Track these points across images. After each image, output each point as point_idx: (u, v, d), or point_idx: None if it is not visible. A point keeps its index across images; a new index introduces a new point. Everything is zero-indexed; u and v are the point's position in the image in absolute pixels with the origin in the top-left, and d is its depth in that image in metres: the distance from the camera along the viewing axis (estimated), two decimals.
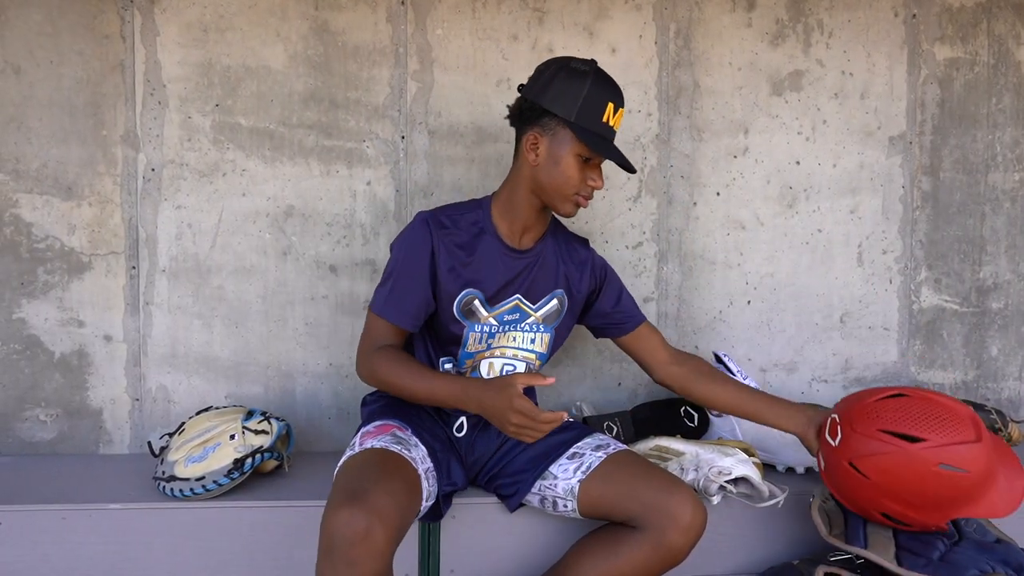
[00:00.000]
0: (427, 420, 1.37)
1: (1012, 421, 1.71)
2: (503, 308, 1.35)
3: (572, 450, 1.32)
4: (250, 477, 1.44)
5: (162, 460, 1.44)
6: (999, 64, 1.83)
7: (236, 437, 1.42)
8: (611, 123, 1.29)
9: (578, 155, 1.28)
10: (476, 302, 1.33)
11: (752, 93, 1.77)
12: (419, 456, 1.24)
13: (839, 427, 1.27)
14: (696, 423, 1.61)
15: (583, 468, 1.28)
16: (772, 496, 1.33)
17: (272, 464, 1.48)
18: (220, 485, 1.38)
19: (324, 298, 1.70)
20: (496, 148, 1.71)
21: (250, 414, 1.49)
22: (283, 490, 1.43)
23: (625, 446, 1.35)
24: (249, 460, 1.40)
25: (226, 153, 1.66)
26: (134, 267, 1.66)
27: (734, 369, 1.59)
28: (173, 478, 1.39)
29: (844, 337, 1.82)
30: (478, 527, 1.36)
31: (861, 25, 1.79)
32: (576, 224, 1.73)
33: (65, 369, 1.65)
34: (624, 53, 1.74)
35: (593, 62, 1.30)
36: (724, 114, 1.77)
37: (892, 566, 1.19)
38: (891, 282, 1.83)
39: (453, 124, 1.70)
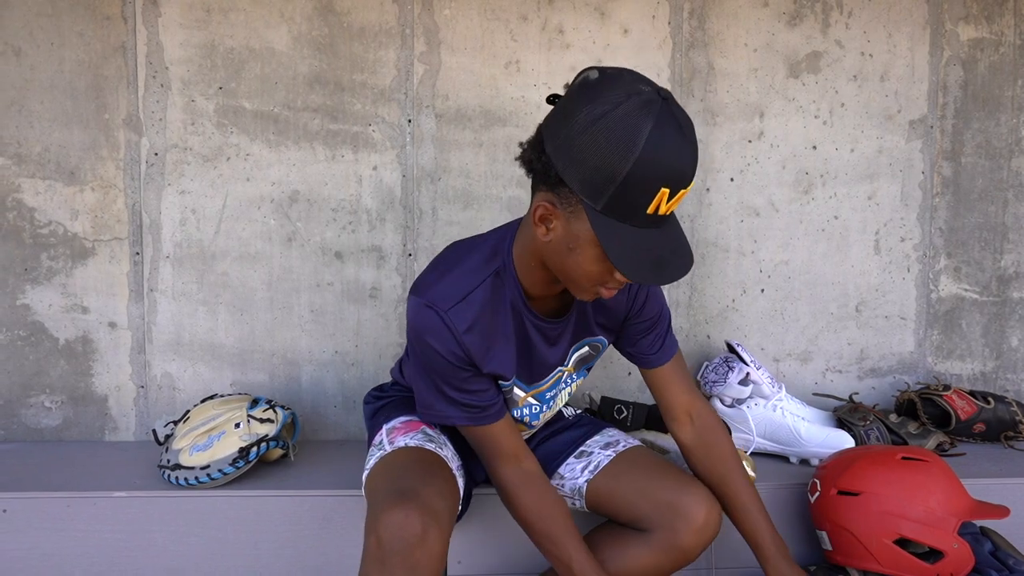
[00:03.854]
0: None
1: None
2: (543, 387, 1.20)
3: (580, 448, 1.29)
4: (255, 466, 1.42)
5: (167, 448, 1.43)
6: None
7: (241, 425, 1.41)
8: (662, 211, 0.91)
9: (601, 251, 0.93)
10: (516, 389, 1.17)
11: (768, 75, 1.72)
12: (449, 454, 1.19)
13: (817, 483, 1.31)
14: None
15: (591, 468, 1.25)
16: None
17: (277, 453, 1.47)
18: (225, 474, 1.36)
19: (330, 285, 1.67)
20: (505, 132, 1.67)
21: (255, 402, 1.48)
22: (288, 479, 1.42)
23: (637, 442, 1.31)
24: (254, 449, 1.39)
25: (230, 137, 1.63)
26: (138, 253, 1.64)
27: (747, 359, 1.56)
28: (178, 466, 1.37)
29: (860, 326, 1.78)
30: (486, 518, 1.33)
31: (882, 4, 1.73)
32: None
33: (70, 356, 1.64)
34: (636, 34, 1.69)
35: (659, 100, 0.87)
36: (739, 97, 1.72)
37: None
38: (909, 270, 1.79)
39: (461, 107, 1.66)
